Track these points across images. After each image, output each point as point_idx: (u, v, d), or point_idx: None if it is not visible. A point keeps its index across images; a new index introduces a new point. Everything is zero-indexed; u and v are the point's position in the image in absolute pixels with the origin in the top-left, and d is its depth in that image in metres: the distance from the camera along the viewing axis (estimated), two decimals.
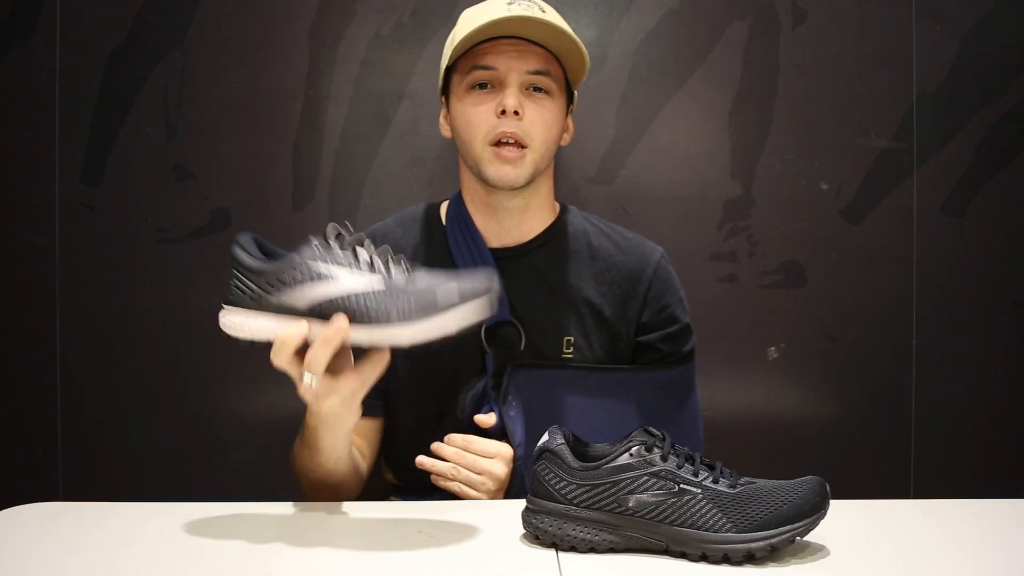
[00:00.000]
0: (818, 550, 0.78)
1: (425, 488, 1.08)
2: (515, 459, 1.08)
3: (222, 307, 0.79)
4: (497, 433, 1.10)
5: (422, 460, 1.06)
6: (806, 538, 0.78)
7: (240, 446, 1.50)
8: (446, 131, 1.19)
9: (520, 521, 0.82)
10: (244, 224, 1.50)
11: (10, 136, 1.50)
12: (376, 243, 1.19)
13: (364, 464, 1.11)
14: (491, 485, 1.05)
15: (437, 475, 1.06)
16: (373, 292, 0.74)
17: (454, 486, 1.05)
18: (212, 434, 1.50)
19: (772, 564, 0.75)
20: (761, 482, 0.78)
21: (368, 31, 1.50)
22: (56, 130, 1.49)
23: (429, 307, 0.73)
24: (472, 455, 1.06)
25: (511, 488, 1.07)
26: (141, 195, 1.50)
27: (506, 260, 1.16)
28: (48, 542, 0.81)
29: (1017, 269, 1.53)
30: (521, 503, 0.83)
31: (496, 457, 1.06)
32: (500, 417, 1.10)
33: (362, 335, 0.74)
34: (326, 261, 0.76)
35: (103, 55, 1.49)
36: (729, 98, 1.51)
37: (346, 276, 0.75)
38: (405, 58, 1.50)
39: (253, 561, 0.77)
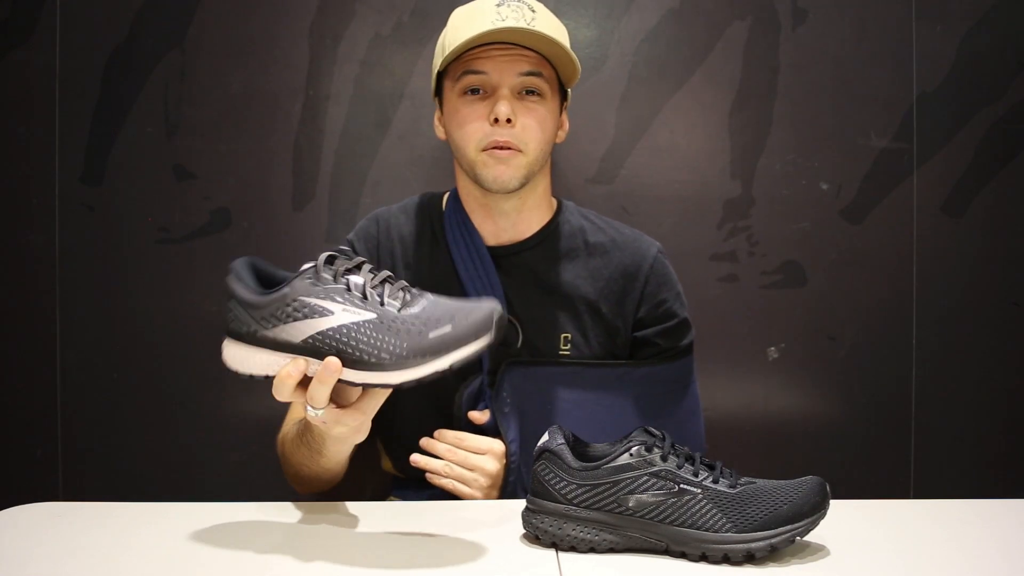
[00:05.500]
0: (818, 550, 0.78)
1: (423, 481, 1.08)
2: (508, 456, 1.08)
3: (224, 337, 0.80)
4: (491, 430, 1.10)
5: (416, 459, 1.07)
6: (806, 538, 0.78)
7: (240, 446, 1.50)
8: (440, 133, 1.19)
9: (520, 521, 0.82)
10: (244, 224, 1.50)
11: (10, 136, 1.50)
12: (379, 225, 1.20)
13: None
14: (483, 482, 1.05)
15: (431, 472, 1.06)
16: (366, 323, 0.74)
17: (447, 483, 1.05)
18: (212, 434, 1.50)
19: (772, 564, 0.75)
20: (761, 482, 0.78)
21: (368, 31, 1.50)
22: (56, 130, 1.49)
23: (421, 350, 0.73)
24: (463, 452, 1.06)
25: (506, 486, 1.07)
26: (141, 195, 1.50)
27: (503, 258, 1.16)
28: (48, 542, 0.81)
29: (1017, 269, 1.53)
30: (521, 503, 0.83)
31: (487, 453, 1.07)
32: (493, 414, 1.10)
33: (355, 377, 0.75)
34: (319, 296, 0.76)
35: (103, 55, 1.48)
36: (729, 98, 1.51)
37: (339, 310, 0.75)
38: (405, 58, 1.50)
39: (253, 561, 0.77)
